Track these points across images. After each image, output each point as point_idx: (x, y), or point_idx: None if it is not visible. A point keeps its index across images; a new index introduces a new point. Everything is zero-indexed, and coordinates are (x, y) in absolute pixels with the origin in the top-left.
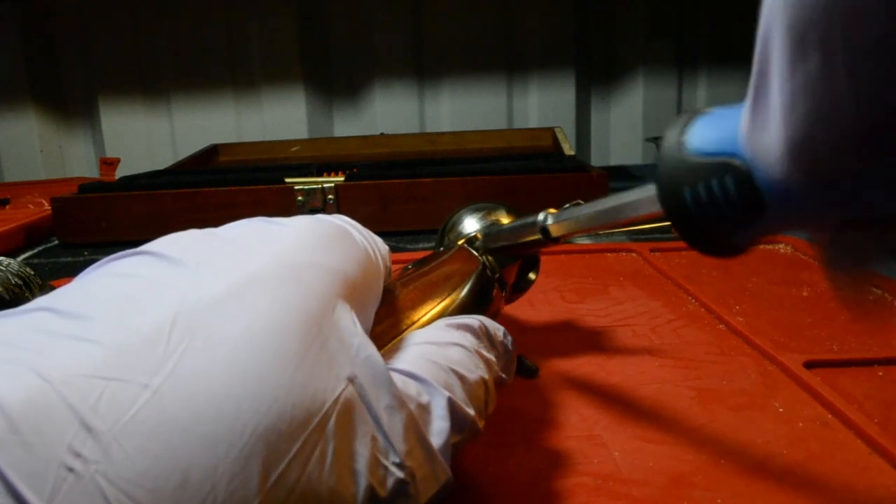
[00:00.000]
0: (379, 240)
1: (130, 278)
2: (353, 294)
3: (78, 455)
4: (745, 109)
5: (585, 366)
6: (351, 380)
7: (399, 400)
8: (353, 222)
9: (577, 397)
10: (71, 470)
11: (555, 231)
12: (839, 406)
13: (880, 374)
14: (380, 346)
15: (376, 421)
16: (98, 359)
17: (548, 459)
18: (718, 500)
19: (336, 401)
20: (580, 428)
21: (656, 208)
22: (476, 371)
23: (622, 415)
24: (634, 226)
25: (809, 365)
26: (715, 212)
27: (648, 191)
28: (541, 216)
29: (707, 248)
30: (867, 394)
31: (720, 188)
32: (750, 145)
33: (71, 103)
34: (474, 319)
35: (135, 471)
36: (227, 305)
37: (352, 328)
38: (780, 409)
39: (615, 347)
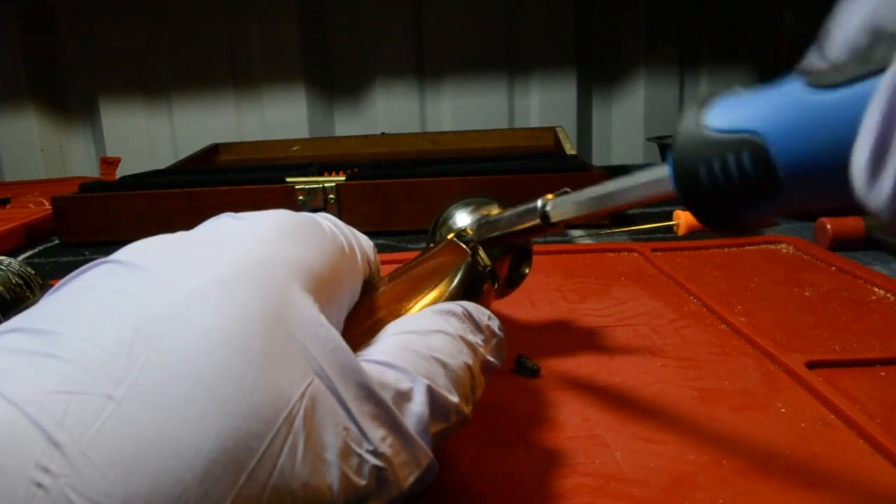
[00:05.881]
0: (362, 236)
1: (96, 290)
2: (318, 286)
3: (46, 471)
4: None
5: (587, 366)
6: (318, 373)
7: (369, 389)
8: (331, 217)
9: (578, 397)
10: (40, 486)
11: (555, 215)
12: (841, 406)
13: (882, 374)
14: (367, 340)
15: (347, 411)
16: (63, 374)
17: (549, 459)
18: (720, 501)
19: (303, 395)
20: (581, 428)
21: (666, 187)
22: (459, 357)
23: (624, 415)
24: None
25: (811, 365)
26: (729, 187)
27: (657, 172)
28: (539, 202)
29: (719, 225)
30: (869, 394)
31: (736, 164)
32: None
33: (71, 103)
34: (457, 305)
35: (104, 481)
36: (187, 310)
37: (316, 321)
38: (782, 410)
39: (617, 347)
